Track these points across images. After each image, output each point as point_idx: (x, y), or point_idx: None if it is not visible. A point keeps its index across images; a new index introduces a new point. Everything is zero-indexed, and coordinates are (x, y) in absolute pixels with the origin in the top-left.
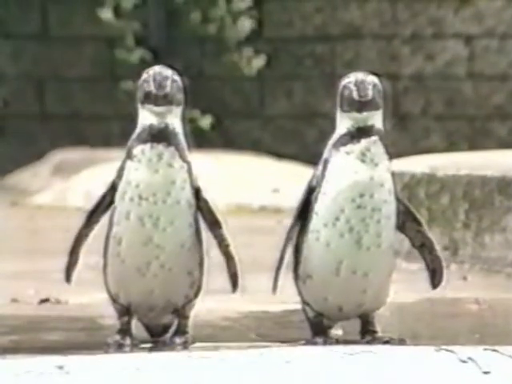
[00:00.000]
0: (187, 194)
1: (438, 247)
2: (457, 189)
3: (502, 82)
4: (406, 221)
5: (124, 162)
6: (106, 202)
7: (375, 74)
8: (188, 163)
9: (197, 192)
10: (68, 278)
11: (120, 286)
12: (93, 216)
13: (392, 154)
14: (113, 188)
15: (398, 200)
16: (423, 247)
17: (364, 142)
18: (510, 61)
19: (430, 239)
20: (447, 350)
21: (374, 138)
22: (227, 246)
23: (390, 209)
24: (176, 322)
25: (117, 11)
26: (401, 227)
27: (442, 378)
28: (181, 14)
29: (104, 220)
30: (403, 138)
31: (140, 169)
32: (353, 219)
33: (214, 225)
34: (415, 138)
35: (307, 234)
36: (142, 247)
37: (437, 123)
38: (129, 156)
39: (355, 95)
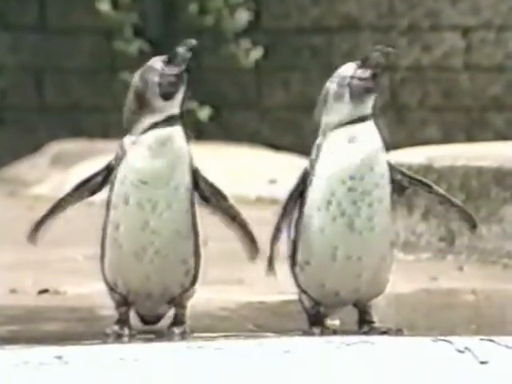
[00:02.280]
0: (186, 178)
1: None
2: (453, 180)
3: (499, 74)
4: (417, 188)
5: (122, 147)
6: (97, 181)
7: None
8: (186, 146)
9: (195, 173)
10: (32, 239)
11: (118, 273)
12: (79, 189)
13: (389, 145)
14: (107, 168)
15: (401, 173)
16: (444, 204)
17: (356, 126)
18: (506, 52)
19: (444, 194)
20: (444, 341)
21: (366, 122)
22: (241, 215)
23: (383, 192)
24: (174, 312)
25: (115, 3)
26: (416, 194)
27: (439, 368)
28: (178, 5)
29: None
30: (400, 130)
31: (140, 153)
32: (344, 202)
33: (221, 200)
34: (412, 130)
35: (303, 219)
36: (139, 232)
37: (434, 114)
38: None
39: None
